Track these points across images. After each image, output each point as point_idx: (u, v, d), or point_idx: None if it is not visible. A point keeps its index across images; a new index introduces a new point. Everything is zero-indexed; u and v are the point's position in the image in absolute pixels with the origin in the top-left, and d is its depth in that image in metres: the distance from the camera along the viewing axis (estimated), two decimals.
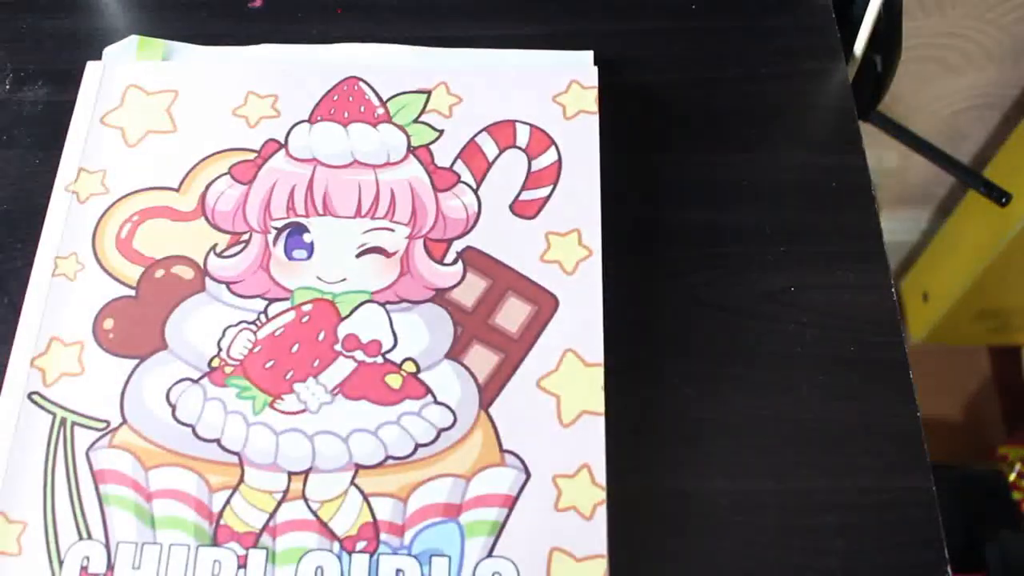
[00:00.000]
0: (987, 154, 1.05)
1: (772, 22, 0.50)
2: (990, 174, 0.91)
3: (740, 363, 0.41)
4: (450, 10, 0.50)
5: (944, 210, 1.16)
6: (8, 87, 0.48)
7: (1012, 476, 1.07)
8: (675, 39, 0.49)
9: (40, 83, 0.48)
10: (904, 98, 0.95)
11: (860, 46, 0.51)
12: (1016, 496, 1.01)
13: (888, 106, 0.59)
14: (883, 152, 1.01)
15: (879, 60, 0.53)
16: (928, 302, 1.18)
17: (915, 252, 1.23)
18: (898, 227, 1.19)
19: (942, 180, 1.11)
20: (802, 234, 0.44)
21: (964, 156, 1.07)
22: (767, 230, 0.44)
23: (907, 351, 0.41)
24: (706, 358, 0.41)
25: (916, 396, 0.40)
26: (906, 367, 0.41)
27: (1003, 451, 1.13)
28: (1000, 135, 1.02)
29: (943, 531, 0.37)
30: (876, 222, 0.44)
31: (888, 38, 0.52)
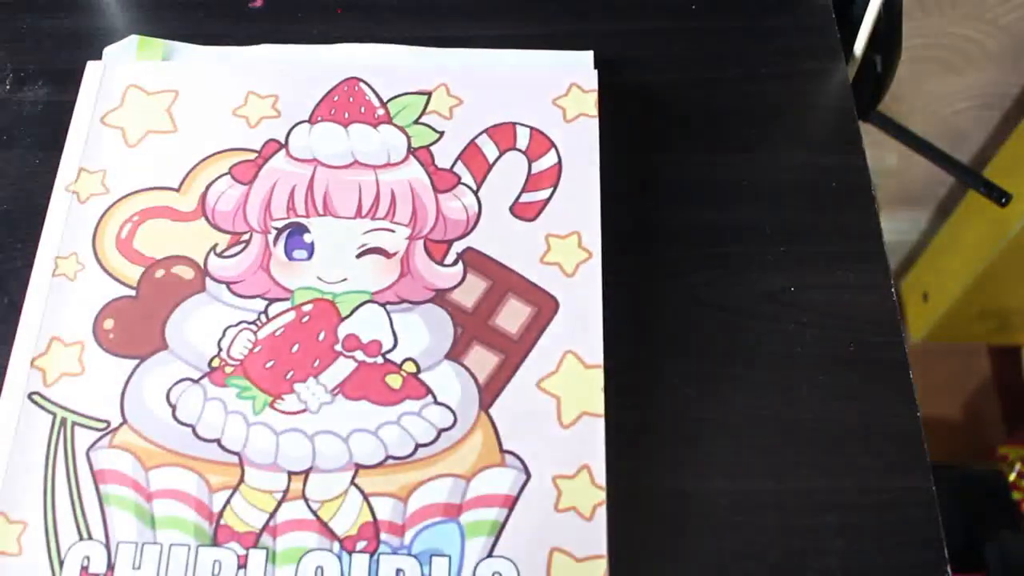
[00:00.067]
0: (987, 154, 1.05)
1: (772, 22, 0.50)
2: (990, 174, 0.91)
3: (740, 363, 0.41)
4: (450, 10, 0.50)
5: (944, 210, 1.16)
6: (8, 87, 0.48)
7: (1012, 476, 1.07)
8: (675, 39, 0.49)
9: (40, 83, 0.48)
10: (904, 98, 0.95)
11: (860, 46, 0.51)
12: (1016, 496, 1.01)
13: (888, 106, 0.59)
14: (883, 152, 1.01)
15: (879, 60, 0.53)
16: (928, 302, 1.18)
17: (915, 252, 1.23)
18: (898, 227, 1.19)
19: (942, 180, 1.11)
20: (802, 234, 0.44)
21: (964, 156, 1.06)
22: (767, 230, 0.44)
23: (907, 351, 0.41)
24: (706, 358, 0.41)
25: (916, 396, 0.40)
26: (906, 367, 0.41)
27: (1003, 451, 1.13)
28: (1000, 135, 1.02)
29: (943, 531, 0.37)
30: (876, 222, 0.44)
31: (888, 38, 0.52)
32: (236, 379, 0.38)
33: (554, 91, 0.44)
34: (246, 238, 0.41)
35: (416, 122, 0.44)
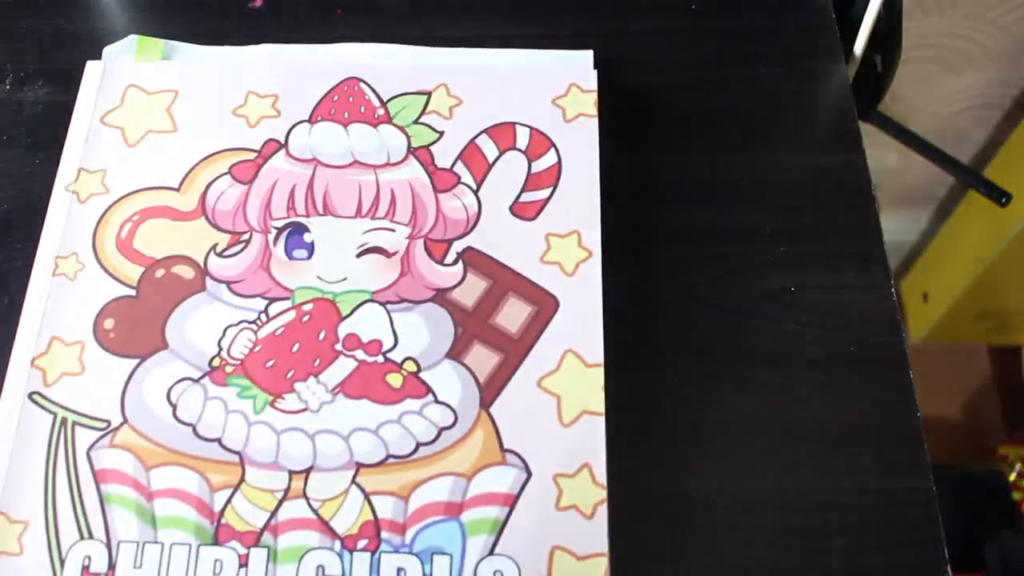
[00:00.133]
0: (987, 154, 1.05)
1: (772, 22, 0.50)
2: (990, 174, 0.91)
3: (740, 363, 0.41)
4: (450, 10, 0.50)
5: (944, 210, 1.16)
6: (8, 87, 0.48)
7: (1012, 476, 1.07)
8: (675, 39, 0.49)
9: (40, 83, 0.48)
10: (904, 98, 0.95)
11: (860, 46, 0.51)
12: (1016, 496, 1.01)
13: (888, 106, 0.59)
14: (883, 152, 1.01)
15: (879, 60, 0.53)
16: (928, 302, 1.18)
17: (915, 252, 1.23)
18: (898, 227, 1.19)
19: (942, 180, 1.11)
20: (802, 234, 0.44)
21: (964, 156, 1.06)
22: (767, 230, 0.44)
23: (907, 351, 0.41)
24: (706, 358, 0.41)
25: (916, 396, 0.40)
26: (906, 367, 0.41)
27: (1003, 451, 1.13)
28: (1000, 135, 1.02)
29: (943, 531, 0.37)
30: (876, 222, 0.44)
31: (888, 38, 0.52)
32: (236, 378, 0.38)
33: (554, 91, 0.44)
34: (246, 238, 0.41)
35: (416, 122, 0.44)
